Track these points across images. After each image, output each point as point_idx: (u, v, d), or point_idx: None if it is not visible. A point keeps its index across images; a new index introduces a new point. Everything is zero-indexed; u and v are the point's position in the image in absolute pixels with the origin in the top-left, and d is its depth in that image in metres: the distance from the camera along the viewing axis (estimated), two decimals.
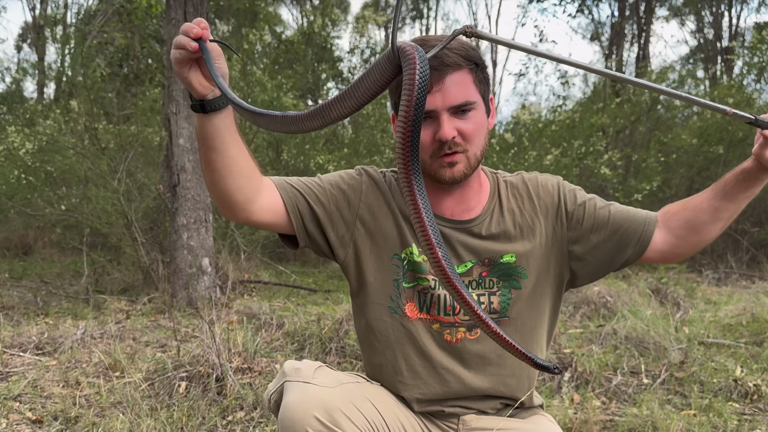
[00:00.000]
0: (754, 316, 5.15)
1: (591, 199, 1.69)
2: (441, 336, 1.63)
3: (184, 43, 1.35)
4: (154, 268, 6.43)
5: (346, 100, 1.11)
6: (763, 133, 1.43)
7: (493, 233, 1.65)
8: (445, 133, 1.50)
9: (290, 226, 1.62)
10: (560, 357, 3.85)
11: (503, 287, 1.63)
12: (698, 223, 1.59)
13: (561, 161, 9.27)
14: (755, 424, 3.09)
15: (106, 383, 3.61)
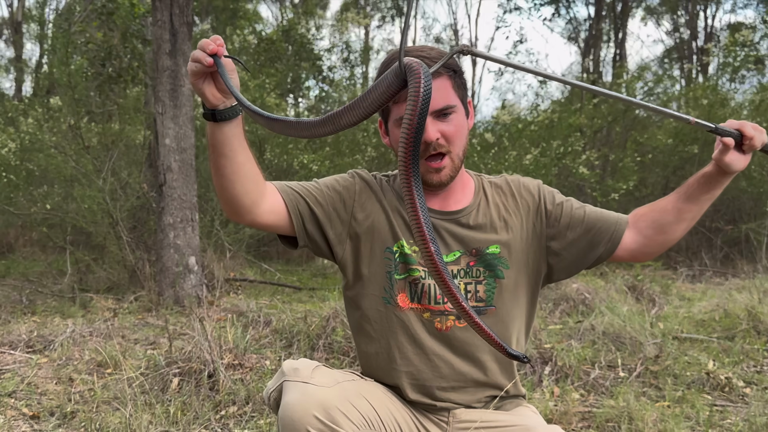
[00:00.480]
0: (726, 312, 5.32)
1: (568, 200, 1.82)
2: (432, 324, 1.74)
3: (201, 57, 1.46)
4: (140, 266, 6.48)
5: (355, 109, 1.24)
6: (722, 140, 1.57)
7: (479, 223, 1.76)
8: (429, 135, 1.62)
9: (291, 227, 1.73)
10: (541, 352, 3.98)
11: (489, 276, 1.74)
12: (664, 224, 1.72)
13: (540, 161, 9.42)
14: (726, 415, 3.24)
15: (99, 380, 3.70)
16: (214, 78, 1.51)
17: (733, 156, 1.59)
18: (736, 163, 1.60)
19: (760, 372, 4.00)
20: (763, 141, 1.59)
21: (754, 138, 1.57)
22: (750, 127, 1.57)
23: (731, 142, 1.57)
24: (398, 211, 1.77)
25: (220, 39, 1.49)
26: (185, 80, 5.95)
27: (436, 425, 1.77)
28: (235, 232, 7.84)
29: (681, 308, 5.83)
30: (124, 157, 8.20)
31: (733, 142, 1.57)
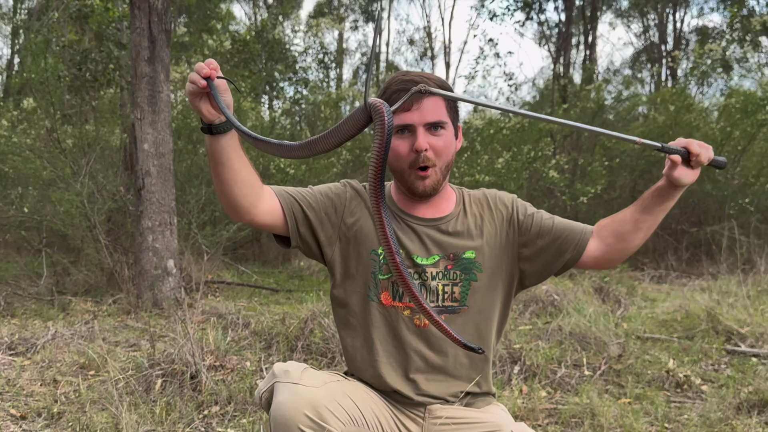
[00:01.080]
0: (687, 312, 5.56)
1: (539, 212, 1.99)
2: (411, 321, 1.91)
3: (196, 80, 1.63)
4: (118, 269, 6.56)
5: (328, 138, 1.43)
6: (670, 158, 1.70)
7: (458, 230, 1.94)
8: (420, 143, 1.80)
9: (286, 228, 1.89)
10: (510, 352, 4.16)
11: (464, 279, 1.91)
12: (623, 233, 1.88)
13: (512, 165, 9.64)
14: (683, 411, 3.44)
15: (84, 381, 3.80)
16: (210, 97, 1.67)
17: (681, 171, 1.71)
18: (685, 178, 1.72)
19: (717, 370, 4.22)
20: (709, 157, 1.71)
21: (700, 155, 1.69)
22: (696, 145, 1.69)
23: (678, 159, 1.69)
24: None
25: (215, 63, 1.65)
26: (163, 86, 6.05)
27: (413, 421, 1.92)
28: (212, 234, 7.93)
29: (645, 309, 6.06)
30: (100, 160, 8.24)
31: (680, 159, 1.69)
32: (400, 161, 1.85)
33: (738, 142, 10.88)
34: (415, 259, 1.91)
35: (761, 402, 3.39)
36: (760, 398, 3.41)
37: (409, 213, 1.95)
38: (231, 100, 1.69)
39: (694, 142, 1.70)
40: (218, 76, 1.65)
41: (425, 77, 1.82)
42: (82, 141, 8.40)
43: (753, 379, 3.77)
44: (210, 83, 1.62)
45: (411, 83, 1.78)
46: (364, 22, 24.51)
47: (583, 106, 11.95)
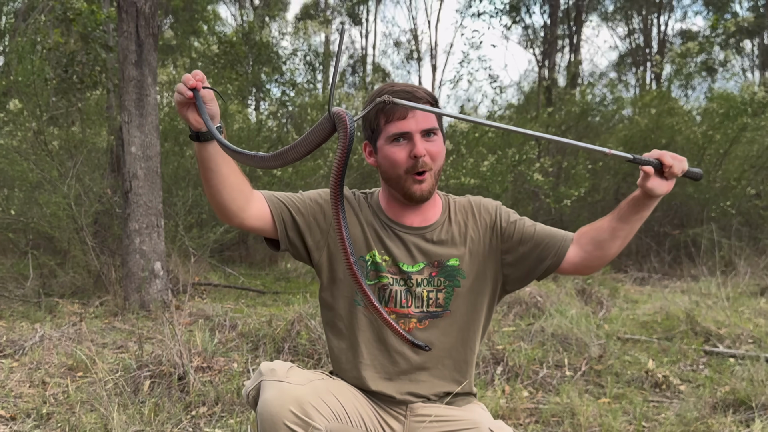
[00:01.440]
0: (667, 314, 5.67)
1: (522, 219, 2.06)
2: (396, 325, 1.99)
3: (182, 91, 1.71)
4: (105, 271, 6.59)
5: (298, 148, 1.50)
6: (642, 169, 1.74)
7: (442, 239, 2.01)
8: (419, 149, 1.87)
9: (275, 232, 1.96)
10: (493, 353, 4.24)
11: (448, 285, 1.99)
12: (600, 241, 1.94)
13: (497, 168, 9.72)
14: (661, 410, 3.53)
15: (72, 383, 3.84)
16: (196, 106, 1.74)
17: (655, 182, 1.75)
18: (659, 188, 1.76)
19: (695, 370, 4.32)
20: (682, 168, 1.74)
21: (673, 166, 1.72)
22: (669, 156, 1.73)
23: (651, 170, 1.73)
24: (372, 224, 2.01)
25: (201, 74, 1.72)
26: (151, 90, 6.09)
27: (395, 419, 1.99)
28: (199, 236, 7.96)
29: (627, 310, 6.16)
30: (87, 163, 8.26)
31: (652, 170, 1.73)
32: (396, 168, 1.91)
33: (720, 145, 11.03)
34: (401, 267, 1.98)
35: (737, 401, 3.48)
36: (735, 398, 3.51)
37: (396, 222, 2.01)
38: (217, 109, 1.76)
39: (668, 153, 1.74)
40: (204, 86, 1.72)
41: (415, 87, 1.90)
42: (69, 143, 8.41)
43: (729, 380, 3.86)
44: (196, 94, 1.70)
45: (403, 93, 1.86)
46: (350, 24, 24.58)
47: (568, 110, 12.07)
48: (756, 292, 7.37)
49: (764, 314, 5.92)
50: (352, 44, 25.83)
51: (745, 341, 4.86)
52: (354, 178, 10.44)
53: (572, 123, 11.99)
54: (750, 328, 5.09)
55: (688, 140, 11.03)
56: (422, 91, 1.92)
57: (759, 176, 11.15)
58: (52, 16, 8.54)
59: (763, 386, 3.56)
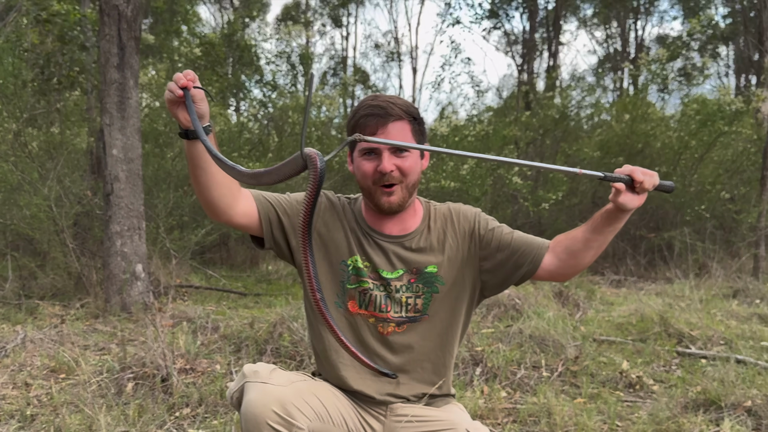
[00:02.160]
0: (642, 316, 5.78)
1: (500, 226, 2.12)
2: (375, 328, 2.05)
3: (173, 89, 1.75)
4: (86, 273, 6.59)
5: (271, 175, 1.55)
6: (613, 185, 1.80)
7: (421, 247, 2.07)
8: (384, 166, 1.93)
9: (261, 230, 2.02)
10: (473, 354, 4.32)
11: (426, 292, 2.05)
12: (575, 250, 1.99)
13: (476, 171, 9.83)
14: (634, 410, 3.62)
15: (56, 384, 3.87)
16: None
17: (626, 197, 1.80)
18: (630, 203, 1.81)
19: (668, 371, 4.43)
20: (653, 183, 1.79)
21: (643, 182, 1.77)
22: (639, 173, 1.78)
23: (622, 186, 1.78)
24: (354, 230, 2.07)
25: (192, 74, 1.77)
26: (132, 93, 6.11)
27: (376, 419, 2.06)
28: (180, 238, 7.98)
29: (603, 312, 6.28)
30: (66, 164, 8.23)
31: (623, 186, 1.78)
32: (365, 179, 1.98)
33: (695, 150, 11.22)
34: (381, 273, 2.04)
35: (707, 401, 3.59)
36: (706, 398, 3.61)
37: (376, 230, 2.07)
38: (207, 109, 1.82)
39: (638, 169, 1.78)
40: (195, 86, 1.77)
41: (391, 102, 1.95)
42: (49, 144, 8.39)
43: (701, 380, 3.96)
44: (186, 93, 1.75)
45: (378, 108, 1.92)
46: (331, 27, 24.62)
47: (545, 114, 12.21)
48: (728, 295, 7.53)
49: (736, 316, 6.06)
50: (332, 46, 25.87)
51: (716, 343, 4.98)
52: (335, 180, 10.50)
53: (550, 127, 12.12)
54: (721, 330, 5.21)
55: (663, 145, 11.20)
56: (398, 107, 1.95)
57: (733, 180, 11.36)
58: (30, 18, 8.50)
59: (732, 387, 3.67)
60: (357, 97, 19.84)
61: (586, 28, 26.19)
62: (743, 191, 11.13)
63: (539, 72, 19.28)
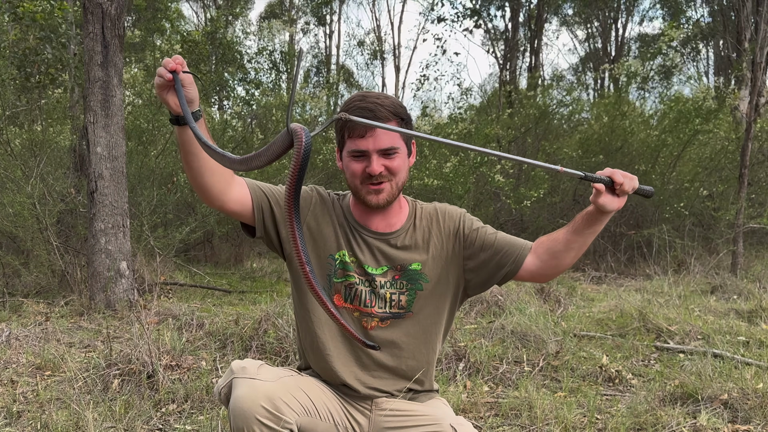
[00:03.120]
0: (621, 311, 5.88)
1: (484, 227, 2.17)
2: (359, 322, 2.09)
3: (162, 73, 1.76)
4: (70, 271, 6.59)
5: (261, 157, 1.56)
6: (594, 186, 1.84)
7: (406, 245, 2.12)
8: (373, 168, 1.96)
9: (253, 219, 2.05)
10: (456, 350, 4.38)
11: (410, 288, 2.10)
12: (556, 251, 2.04)
13: (459, 169, 9.90)
14: (613, 403, 3.70)
15: (41, 381, 3.88)
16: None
17: (606, 198, 1.84)
18: (610, 204, 1.85)
19: (647, 365, 4.52)
20: (633, 186, 1.83)
21: (623, 184, 1.81)
22: (619, 175, 1.81)
23: (602, 187, 1.82)
24: (342, 225, 2.11)
25: (180, 58, 1.78)
26: (116, 91, 6.12)
27: (361, 413, 2.11)
28: (164, 236, 7.98)
29: (583, 308, 6.37)
30: (50, 162, 8.21)
31: (603, 187, 1.82)
32: (354, 178, 2.02)
33: (674, 148, 11.36)
34: (366, 269, 2.08)
35: (685, 394, 3.67)
36: (684, 391, 3.70)
37: (363, 226, 2.12)
38: (196, 94, 1.82)
39: (618, 172, 1.82)
40: (184, 70, 1.77)
41: (379, 103, 1.97)
42: (32, 142, 8.36)
43: (679, 374, 4.05)
44: (175, 77, 1.75)
45: (366, 111, 1.94)
46: (315, 24, 24.60)
47: (527, 113, 12.31)
48: (706, 291, 7.65)
49: (713, 312, 6.17)
50: (316, 44, 25.86)
51: (694, 338, 5.08)
52: (319, 177, 10.54)
53: (531, 125, 12.22)
54: (699, 325, 5.31)
55: (642, 143, 11.33)
56: (386, 108, 1.97)
57: (711, 178, 11.51)
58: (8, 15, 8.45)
59: (710, 380, 3.76)
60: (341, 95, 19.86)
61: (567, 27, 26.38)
62: (721, 189, 11.28)
63: (521, 71, 19.41)
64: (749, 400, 3.43)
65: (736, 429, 3.16)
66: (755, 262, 10.32)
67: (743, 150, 9.55)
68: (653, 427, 3.21)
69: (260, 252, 11.16)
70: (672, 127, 11.07)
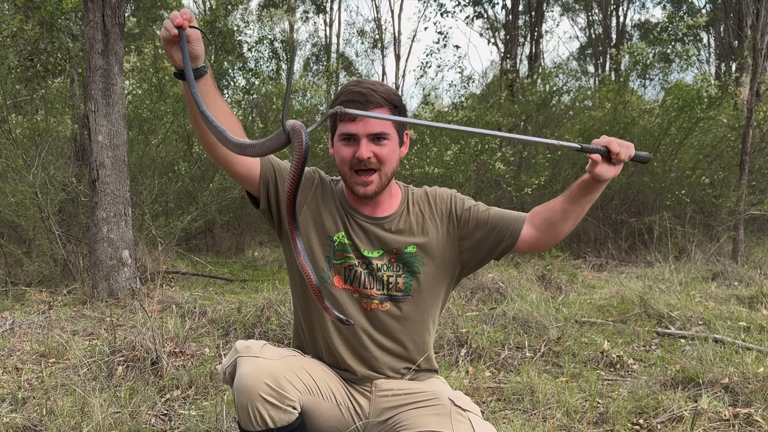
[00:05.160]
0: (623, 298, 5.90)
1: (476, 205, 2.18)
2: (359, 303, 2.11)
3: (168, 27, 1.75)
4: (73, 260, 6.60)
5: (255, 149, 1.54)
6: (590, 156, 1.86)
7: (400, 228, 2.13)
8: (362, 153, 1.97)
9: (258, 189, 2.05)
10: (458, 336, 4.40)
11: (407, 272, 2.11)
12: (553, 221, 2.06)
13: (460, 157, 9.90)
14: (615, 387, 3.73)
15: (46, 369, 3.91)
16: None
17: (602, 168, 1.86)
18: (606, 173, 1.87)
19: (648, 351, 4.54)
20: (629, 154, 1.85)
21: (620, 153, 1.83)
22: (615, 144, 1.83)
23: (598, 157, 1.84)
24: (339, 209, 2.12)
25: (188, 13, 1.76)
26: (117, 79, 6.11)
27: (362, 395, 2.14)
28: (166, 225, 7.99)
29: (584, 295, 6.38)
30: (51, 151, 8.22)
31: (600, 157, 1.84)
32: (343, 164, 2.03)
33: (675, 136, 11.35)
34: (362, 252, 2.09)
35: (686, 379, 3.69)
36: (685, 375, 3.72)
37: (357, 210, 2.12)
38: (201, 50, 1.81)
39: (615, 140, 1.84)
40: (191, 25, 1.75)
41: (373, 89, 1.97)
42: (33, 131, 8.36)
43: (680, 359, 4.07)
44: (181, 33, 1.73)
45: (359, 95, 1.95)
46: (314, 13, 24.53)
47: (528, 100, 12.29)
48: (707, 277, 7.67)
49: (714, 298, 6.19)
50: (315, 32, 25.79)
51: (695, 323, 5.10)
52: (320, 166, 10.52)
53: (533, 113, 12.20)
54: (700, 311, 5.33)
55: (644, 131, 11.32)
56: (380, 95, 1.97)
57: (713, 166, 11.51)
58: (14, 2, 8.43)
59: (711, 365, 3.78)
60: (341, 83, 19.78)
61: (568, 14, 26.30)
62: (722, 176, 11.28)
63: (522, 58, 19.35)
64: (750, 383, 3.45)
65: (737, 412, 3.18)
66: (756, 249, 10.33)
67: (744, 137, 9.55)
68: (654, 411, 3.23)
69: (261, 241, 11.19)
70: (676, 117, 11.04)
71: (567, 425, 3.09)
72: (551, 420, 3.12)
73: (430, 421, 1.90)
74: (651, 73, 14.59)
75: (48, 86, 9.76)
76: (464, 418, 1.91)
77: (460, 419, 1.91)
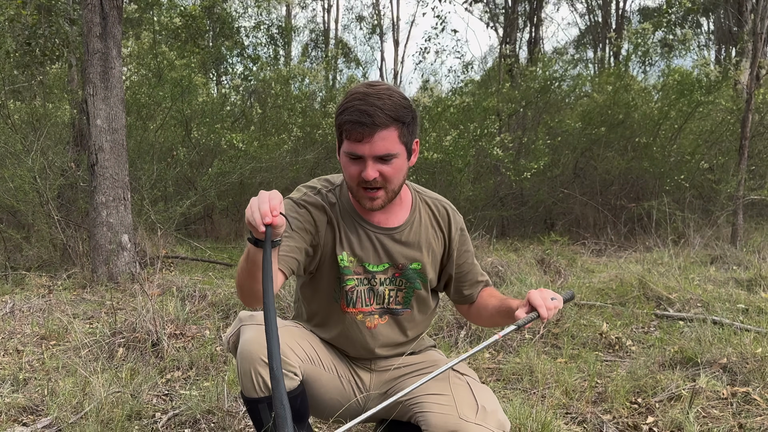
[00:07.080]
0: (622, 281, 5.91)
1: (471, 252, 2.25)
2: (364, 324, 2.11)
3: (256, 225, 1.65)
4: (72, 244, 6.61)
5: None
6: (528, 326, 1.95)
7: (410, 240, 2.11)
8: (367, 174, 1.89)
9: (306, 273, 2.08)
10: (457, 318, 4.42)
11: (408, 287, 2.13)
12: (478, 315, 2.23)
13: (459, 142, 9.89)
14: (613, 368, 3.74)
15: (47, 351, 3.92)
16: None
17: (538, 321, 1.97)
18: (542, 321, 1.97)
19: (647, 332, 4.55)
20: (558, 308, 1.93)
21: (550, 314, 1.89)
22: (544, 310, 1.87)
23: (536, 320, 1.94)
24: (342, 223, 2.06)
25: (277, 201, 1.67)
26: (115, 62, 6.10)
27: (363, 370, 2.17)
28: (165, 210, 8.00)
29: (583, 279, 6.39)
30: (50, 136, 8.21)
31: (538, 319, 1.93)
32: (350, 180, 1.95)
33: (675, 121, 11.34)
34: (367, 266, 2.06)
35: (684, 359, 3.71)
36: (683, 356, 3.74)
37: (365, 219, 2.08)
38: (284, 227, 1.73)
39: (543, 307, 1.88)
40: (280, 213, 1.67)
41: (379, 108, 1.85)
42: (32, 117, 8.35)
43: (679, 340, 4.09)
44: (268, 230, 1.65)
45: (365, 116, 1.84)
46: None
47: (527, 86, 12.27)
48: (706, 262, 7.69)
49: (713, 281, 6.20)
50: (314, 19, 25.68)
51: (693, 305, 5.11)
52: (318, 152, 10.54)
53: (532, 99, 12.18)
54: (699, 293, 5.34)
55: (644, 116, 11.31)
56: (386, 113, 1.87)
57: (712, 151, 11.51)
58: None
59: (709, 345, 3.79)
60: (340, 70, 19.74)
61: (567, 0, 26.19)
62: (722, 161, 11.28)
63: (521, 44, 19.30)
64: (748, 363, 3.46)
65: (734, 391, 3.20)
66: (755, 234, 10.35)
67: (743, 122, 9.54)
68: (653, 390, 3.25)
69: None
70: (675, 101, 11.04)
71: (566, 404, 3.11)
72: (550, 399, 3.13)
73: (429, 385, 1.92)
74: (652, 58, 14.54)
75: (46, 72, 9.73)
76: (462, 381, 1.96)
77: (459, 382, 1.96)
